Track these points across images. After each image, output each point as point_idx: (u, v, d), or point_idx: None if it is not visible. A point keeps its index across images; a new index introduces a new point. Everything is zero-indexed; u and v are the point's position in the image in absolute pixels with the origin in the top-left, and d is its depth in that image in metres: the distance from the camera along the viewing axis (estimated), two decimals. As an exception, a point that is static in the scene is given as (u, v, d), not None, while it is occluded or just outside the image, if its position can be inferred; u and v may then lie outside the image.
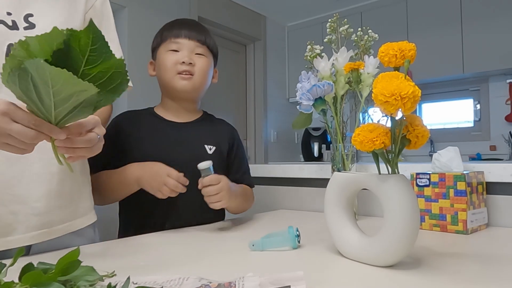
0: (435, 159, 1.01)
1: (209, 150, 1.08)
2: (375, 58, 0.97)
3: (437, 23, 3.39)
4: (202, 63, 1.05)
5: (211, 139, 1.10)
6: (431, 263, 0.63)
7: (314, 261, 0.67)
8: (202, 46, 1.06)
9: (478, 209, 0.92)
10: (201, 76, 1.06)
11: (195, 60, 1.05)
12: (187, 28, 1.07)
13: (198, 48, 1.06)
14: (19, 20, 0.76)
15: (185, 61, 1.02)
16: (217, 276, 0.51)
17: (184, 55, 1.03)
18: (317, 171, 1.33)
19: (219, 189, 0.90)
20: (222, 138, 1.13)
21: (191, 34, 1.06)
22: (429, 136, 0.61)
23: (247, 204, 1.11)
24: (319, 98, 0.93)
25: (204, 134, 1.10)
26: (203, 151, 1.07)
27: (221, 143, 1.11)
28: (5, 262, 0.46)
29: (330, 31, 1.08)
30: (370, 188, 0.63)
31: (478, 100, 3.53)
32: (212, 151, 1.08)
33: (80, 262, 0.46)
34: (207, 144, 1.08)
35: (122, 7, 2.71)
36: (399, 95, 0.54)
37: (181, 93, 1.06)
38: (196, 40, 1.05)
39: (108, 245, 0.82)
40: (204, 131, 1.11)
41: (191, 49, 1.05)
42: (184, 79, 1.03)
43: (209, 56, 1.08)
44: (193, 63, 1.04)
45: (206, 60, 1.07)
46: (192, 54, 1.05)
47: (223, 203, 0.91)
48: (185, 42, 1.05)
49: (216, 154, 1.08)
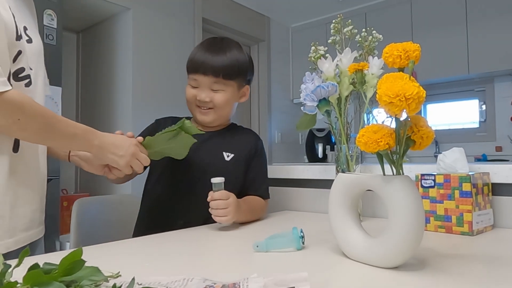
0: (440, 160, 1.01)
1: (227, 157, 1.13)
2: (380, 59, 0.97)
3: (441, 24, 3.37)
4: (219, 98, 1.10)
5: (231, 146, 1.15)
6: (436, 265, 0.63)
7: (318, 262, 0.67)
8: (218, 81, 1.09)
9: (483, 210, 0.92)
10: (220, 109, 1.12)
11: (212, 96, 1.09)
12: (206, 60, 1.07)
13: (214, 84, 1.09)
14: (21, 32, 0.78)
15: (200, 99, 1.09)
16: (221, 277, 0.51)
17: (201, 91, 1.09)
18: (322, 172, 1.32)
19: (227, 204, 0.94)
20: (243, 147, 1.17)
21: (208, 68, 1.07)
22: (434, 137, 0.61)
23: (254, 217, 1.11)
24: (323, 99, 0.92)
25: (224, 142, 1.16)
26: (221, 157, 1.13)
27: (240, 152, 1.15)
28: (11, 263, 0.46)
29: (334, 32, 1.08)
30: (374, 189, 0.63)
31: (483, 100, 3.51)
32: (229, 158, 1.13)
33: (84, 262, 0.46)
34: (225, 151, 1.13)
35: (126, 9, 2.73)
36: (404, 96, 0.54)
37: (201, 123, 1.14)
38: (212, 76, 1.07)
39: (114, 245, 0.82)
40: (226, 139, 1.17)
41: (208, 86, 1.09)
42: (203, 114, 1.11)
43: (228, 87, 1.11)
44: (209, 100, 1.09)
45: (223, 95, 1.10)
46: (209, 90, 1.09)
47: (228, 218, 0.94)
48: (201, 78, 1.08)
49: (233, 161, 1.13)
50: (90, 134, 0.84)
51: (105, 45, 2.91)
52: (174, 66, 2.93)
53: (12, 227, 0.77)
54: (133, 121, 2.67)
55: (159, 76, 2.87)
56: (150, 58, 2.81)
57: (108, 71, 2.88)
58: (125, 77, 2.74)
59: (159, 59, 2.88)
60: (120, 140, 0.88)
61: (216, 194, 0.94)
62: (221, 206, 0.93)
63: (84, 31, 3.13)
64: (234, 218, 0.96)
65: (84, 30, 3.12)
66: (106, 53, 2.89)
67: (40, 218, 0.88)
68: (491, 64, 3.16)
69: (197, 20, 3.19)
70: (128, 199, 1.28)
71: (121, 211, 1.27)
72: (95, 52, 3.00)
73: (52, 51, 2.16)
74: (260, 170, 1.19)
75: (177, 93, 2.92)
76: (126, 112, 2.73)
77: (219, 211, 0.93)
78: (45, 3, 2.14)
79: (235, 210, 0.95)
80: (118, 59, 2.80)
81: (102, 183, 2.88)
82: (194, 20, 3.17)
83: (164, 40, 2.92)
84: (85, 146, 0.84)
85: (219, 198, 0.94)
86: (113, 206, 1.21)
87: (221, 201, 0.94)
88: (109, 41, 2.87)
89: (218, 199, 0.94)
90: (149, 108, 2.73)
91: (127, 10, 2.74)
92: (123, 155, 0.87)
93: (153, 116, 1.28)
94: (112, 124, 2.81)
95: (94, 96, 2.98)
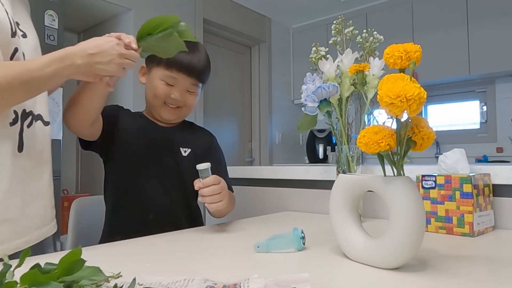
0: (441, 161, 1.01)
1: (184, 152, 1.13)
2: (381, 59, 0.97)
3: (442, 25, 3.37)
4: (192, 100, 1.11)
5: (187, 142, 1.14)
6: (436, 266, 0.63)
7: (319, 263, 0.67)
8: (196, 84, 1.10)
9: (484, 211, 0.92)
10: (188, 110, 1.12)
11: (188, 97, 1.09)
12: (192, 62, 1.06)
13: (192, 87, 1.09)
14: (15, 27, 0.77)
15: (175, 97, 1.07)
16: (222, 278, 0.51)
17: (175, 90, 1.07)
18: (322, 173, 1.32)
19: (221, 188, 0.91)
20: (200, 142, 1.17)
21: (193, 71, 1.07)
22: (435, 138, 0.61)
23: (231, 207, 1.09)
24: (324, 99, 0.92)
25: (182, 137, 1.15)
26: (178, 153, 1.12)
27: (197, 147, 1.15)
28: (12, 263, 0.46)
29: (335, 32, 1.08)
30: (375, 190, 0.63)
31: (484, 101, 3.51)
32: (186, 153, 1.13)
33: (84, 262, 0.46)
34: (182, 147, 1.13)
35: (128, 9, 2.73)
36: (405, 96, 0.54)
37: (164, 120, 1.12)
38: (195, 78, 1.08)
39: (114, 246, 0.82)
40: (183, 135, 1.16)
41: (186, 87, 1.08)
42: (170, 112, 1.10)
43: (199, 90, 1.12)
44: (182, 100, 1.08)
45: (195, 97, 1.12)
46: (185, 91, 1.09)
47: (223, 203, 0.91)
48: (183, 78, 1.06)
49: (190, 156, 1.13)
50: (68, 60, 0.75)
51: (106, 45, 2.90)
52: (175, 66, 2.93)
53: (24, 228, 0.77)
54: (134, 122, 2.67)
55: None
56: (151, 59, 2.81)
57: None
58: (126, 77, 2.74)
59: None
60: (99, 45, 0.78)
61: (208, 180, 0.89)
62: (217, 191, 0.89)
63: (85, 31, 3.13)
64: (225, 203, 0.93)
65: (85, 31, 3.13)
66: (107, 53, 2.89)
67: (52, 214, 0.87)
68: (492, 65, 3.16)
69: (198, 21, 3.19)
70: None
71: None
72: (96, 53, 3.00)
73: (53, 52, 2.16)
74: (221, 163, 1.18)
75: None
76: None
77: (214, 197, 0.89)
78: (46, 4, 2.14)
79: (227, 194, 0.93)
80: (119, 60, 2.80)
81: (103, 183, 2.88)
82: (195, 21, 3.17)
83: (165, 41, 2.91)
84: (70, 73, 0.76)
85: (212, 184, 0.89)
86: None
87: (215, 186, 0.89)
88: (110, 42, 2.86)
89: (211, 184, 0.89)
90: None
91: (128, 10, 2.74)
92: (110, 61, 0.78)
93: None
94: (113, 125, 2.81)
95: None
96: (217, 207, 0.91)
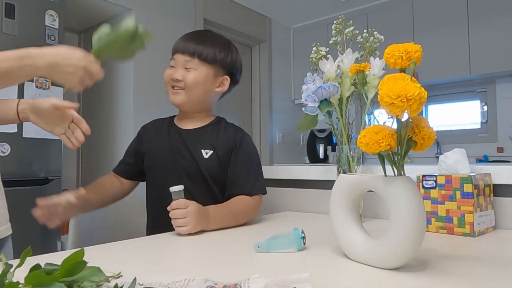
0: (442, 161, 1.01)
1: (205, 154, 1.10)
2: (381, 59, 0.97)
3: (443, 24, 3.37)
4: (190, 78, 1.09)
5: (209, 144, 1.11)
6: (437, 266, 0.63)
7: (319, 263, 0.67)
8: (192, 60, 1.09)
9: (485, 211, 0.92)
10: (191, 89, 1.09)
11: (184, 75, 1.09)
12: (185, 42, 1.11)
13: (187, 63, 1.09)
14: None
15: (172, 78, 1.09)
16: (222, 278, 0.51)
17: (175, 70, 1.10)
18: (323, 173, 1.32)
19: (186, 214, 0.89)
20: (221, 143, 1.12)
21: (185, 48, 1.10)
22: (435, 138, 0.61)
23: (240, 221, 1.04)
24: (325, 99, 0.92)
25: (204, 139, 1.12)
26: (200, 155, 1.10)
27: (219, 148, 1.11)
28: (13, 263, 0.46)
29: (336, 32, 1.08)
30: (376, 190, 0.63)
31: (485, 101, 3.50)
32: (208, 155, 1.10)
33: (86, 263, 0.46)
34: (203, 148, 1.11)
35: (128, 9, 2.73)
36: (405, 96, 0.54)
37: (175, 106, 1.14)
38: (188, 55, 1.09)
39: (115, 246, 0.82)
40: (205, 137, 1.13)
41: (182, 64, 1.10)
42: (175, 94, 1.11)
43: (201, 68, 1.10)
44: (180, 78, 1.09)
45: (195, 74, 1.09)
46: (183, 69, 1.10)
47: (188, 228, 0.88)
48: (178, 57, 1.10)
49: (213, 158, 1.10)
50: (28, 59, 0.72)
51: (106, 45, 2.91)
52: (175, 66, 2.93)
53: None
54: (134, 122, 2.67)
55: (161, 77, 2.86)
56: (151, 59, 2.81)
57: (109, 71, 2.88)
58: (127, 77, 2.75)
59: (160, 59, 2.87)
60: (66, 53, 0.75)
61: (174, 203, 0.90)
62: (179, 216, 0.88)
63: (85, 31, 3.13)
64: (198, 227, 0.90)
65: (86, 31, 3.13)
66: (108, 53, 2.89)
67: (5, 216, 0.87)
68: (492, 65, 3.16)
69: (198, 21, 3.19)
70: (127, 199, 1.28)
71: (120, 211, 1.27)
72: (97, 53, 3.00)
73: (54, 52, 2.16)
74: (242, 165, 1.11)
75: (178, 93, 2.92)
76: (128, 113, 2.73)
77: (177, 221, 0.88)
78: (47, 4, 2.14)
79: (197, 219, 0.89)
80: (120, 60, 2.80)
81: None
82: (195, 21, 3.17)
83: (165, 41, 2.90)
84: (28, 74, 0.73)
85: (176, 207, 0.89)
86: (113, 206, 1.21)
87: (179, 211, 0.88)
88: (111, 42, 2.87)
89: (176, 208, 0.89)
90: (151, 109, 2.73)
91: (128, 10, 2.74)
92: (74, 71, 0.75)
93: (155, 117, 1.28)
94: (114, 125, 2.81)
95: (95, 97, 2.98)
96: (180, 231, 0.89)
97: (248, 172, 1.11)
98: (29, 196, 2.03)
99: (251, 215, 1.08)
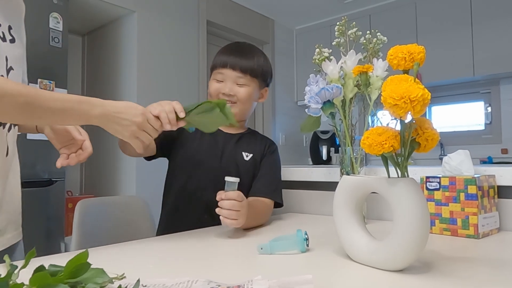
0: (445, 162, 1.00)
1: (246, 157, 1.17)
2: (384, 61, 0.97)
3: (446, 25, 3.36)
4: (243, 93, 1.14)
5: (249, 148, 1.19)
6: (441, 268, 0.63)
7: (323, 264, 0.67)
8: (244, 76, 1.14)
9: (489, 213, 0.91)
10: (242, 104, 1.16)
11: (236, 90, 1.14)
12: (234, 56, 1.14)
13: (240, 79, 1.14)
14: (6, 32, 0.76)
15: (225, 93, 1.13)
16: (225, 279, 0.51)
17: (225, 86, 1.14)
18: (326, 174, 1.32)
19: (241, 207, 0.88)
20: (258, 148, 1.21)
21: (236, 64, 1.13)
22: (439, 139, 0.61)
23: (256, 223, 1.05)
24: (328, 101, 0.92)
25: (244, 143, 1.20)
26: (241, 157, 1.17)
27: (257, 153, 1.19)
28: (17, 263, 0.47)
29: (339, 34, 1.08)
30: (379, 191, 0.63)
31: (489, 102, 3.49)
32: (248, 158, 1.18)
33: (90, 265, 0.46)
34: (244, 151, 1.18)
35: (131, 11, 2.74)
36: (409, 98, 0.53)
37: None
38: (239, 71, 1.13)
39: (118, 247, 0.83)
40: (245, 141, 1.21)
41: (233, 80, 1.14)
42: None
43: (252, 83, 1.16)
44: (233, 94, 1.13)
45: (247, 89, 1.15)
46: (234, 84, 1.14)
47: (238, 222, 0.88)
48: (228, 73, 1.13)
49: (251, 161, 1.17)
50: (86, 105, 0.73)
51: (110, 47, 2.92)
52: (178, 68, 2.94)
53: None
54: (137, 123, 2.67)
55: (164, 79, 2.88)
56: (155, 61, 2.82)
57: (113, 74, 2.89)
58: (130, 79, 2.76)
59: (163, 61, 2.89)
60: (125, 107, 0.77)
61: (232, 194, 0.87)
62: (235, 208, 0.86)
63: (89, 33, 3.15)
64: (242, 223, 0.90)
65: (90, 33, 3.14)
66: (111, 55, 2.91)
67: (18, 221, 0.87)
68: (496, 66, 3.15)
69: (201, 22, 3.20)
70: (131, 200, 1.28)
71: (124, 213, 1.28)
72: (100, 55, 3.02)
73: (58, 54, 2.18)
74: (269, 170, 1.18)
75: (182, 95, 2.93)
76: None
77: (231, 213, 0.86)
78: (51, 6, 2.16)
79: (245, 216, 0.89)
80: (123, 62, 2.81)
81: (107, 184, 2.89)
82: (198, 23, 3.18)
83: (169, 43, 2.93)
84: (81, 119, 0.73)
85: (234, 199, 0.87)
86: (116, 207, 1.21)
87: (236, 202, 0.87)
88: (114, 44, 2.88)
89: (233, 199, 0.87)
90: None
91: (132, 13, 2.75)
92: (128, 125, 0.76)
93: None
94: (117, 126, 2.82)
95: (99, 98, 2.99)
96: (231, 224, 0.87)
97: (272, 178, 1.19)
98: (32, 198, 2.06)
99: (266, 219, 1.12)
